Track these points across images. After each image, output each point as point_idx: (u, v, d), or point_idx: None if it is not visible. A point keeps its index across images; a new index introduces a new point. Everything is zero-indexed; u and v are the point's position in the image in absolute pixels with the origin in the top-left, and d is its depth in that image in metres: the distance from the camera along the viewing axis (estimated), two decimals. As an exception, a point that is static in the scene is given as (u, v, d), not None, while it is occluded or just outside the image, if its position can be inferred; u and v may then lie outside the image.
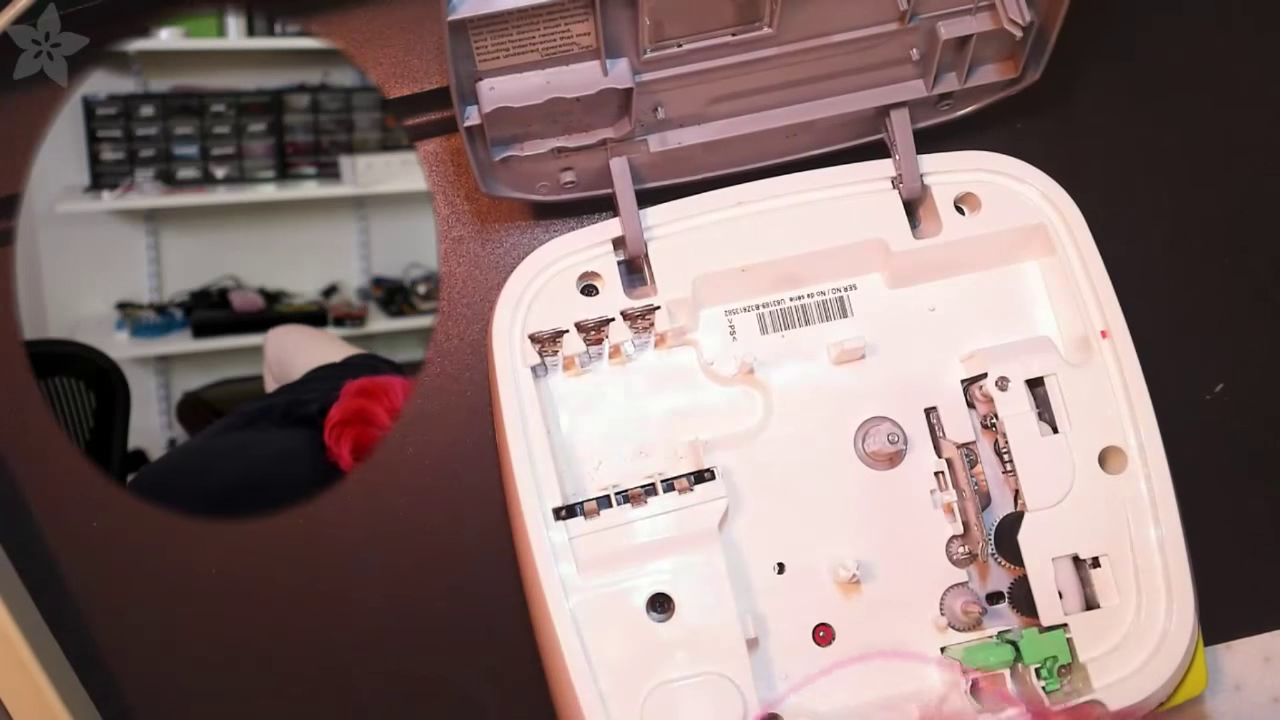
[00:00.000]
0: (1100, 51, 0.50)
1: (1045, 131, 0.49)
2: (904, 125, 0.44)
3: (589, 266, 0.43)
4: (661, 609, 0.40)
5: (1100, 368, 0.42)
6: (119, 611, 0.46)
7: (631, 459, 0.42)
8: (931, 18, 0.41)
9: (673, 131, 0.43)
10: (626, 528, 0.40)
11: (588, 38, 0.38)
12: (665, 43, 0.39)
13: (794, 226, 0.43)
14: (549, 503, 0.40)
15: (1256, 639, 0.47)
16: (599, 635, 0.39)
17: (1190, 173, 0.50)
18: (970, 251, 0.44)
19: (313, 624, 0.47)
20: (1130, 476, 0.41)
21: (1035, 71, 0.44)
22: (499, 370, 0.41)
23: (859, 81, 0.43)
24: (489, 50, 0.37)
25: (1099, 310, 0.43)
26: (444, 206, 0.49)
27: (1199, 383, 0.49)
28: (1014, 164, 0.44)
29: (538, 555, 0.39)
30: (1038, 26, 0.42)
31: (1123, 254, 0.44)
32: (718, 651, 0.39)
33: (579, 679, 0.38)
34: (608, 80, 0.39)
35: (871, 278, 0.44)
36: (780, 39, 0.40)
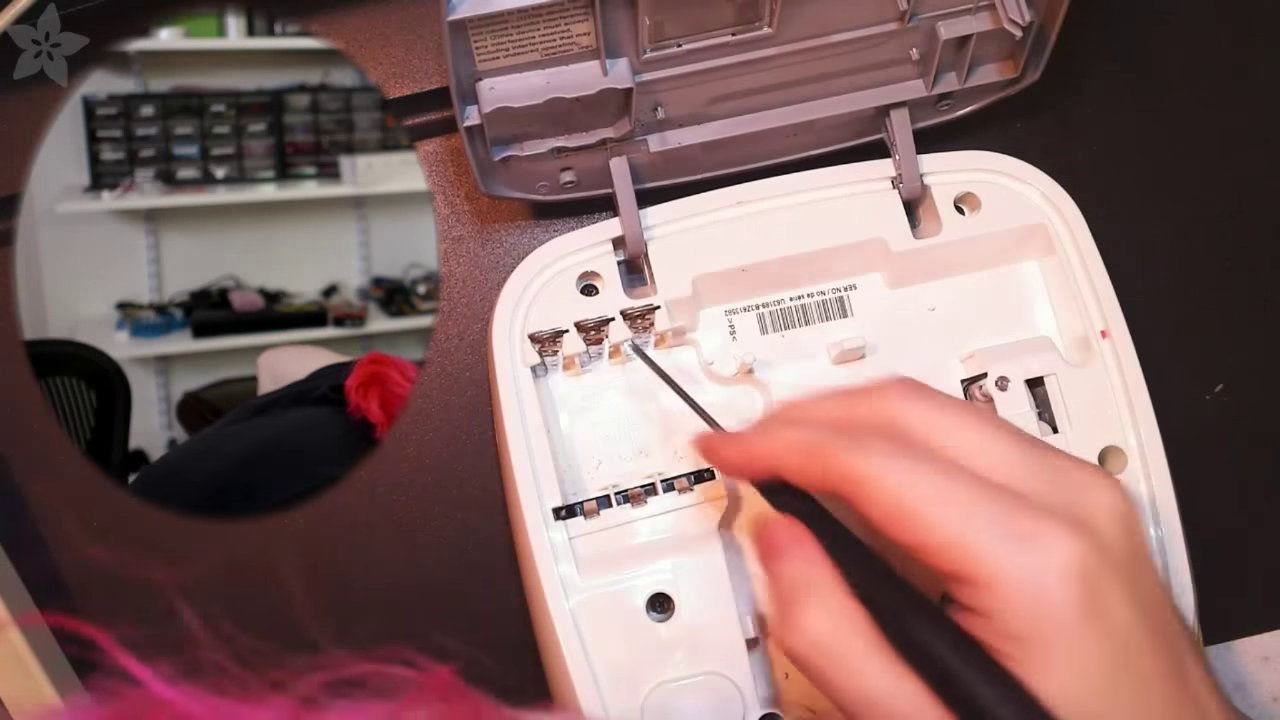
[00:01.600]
0: (1100, 51, 0.50)
1: (1045, 131, 0.49)
2: (904, 125, 0.44)
3: (589, 266, 0.43)
4: (661, 609, 0.40)
5: (1100, 368, 0.42)
6: (119, 611, 0.46)
7: (631, 459, 0.42)
8: (931, 18, 0.41)
9: (673, 131, 0.43)
10: (626, 527, 0.40)
11: (587, 38, 0.38)
12: (665, 43, 0.39)
13: (794, 226, 0.43)
14: (549, 502, 0.40)
15: (1256, 639, 0.47)
16: (599, 635, 0.39)
17: (1191, 172, 0.50)
18: (970, 251, 0.44)
19: (313, 623, 0.47)
20: (1130, 477, 0.41)
21: (1035, 71, 0.44)
22: (499, 370, 0.41)
23: (859, 81, 0.43)
24: (489, 50, 0.37)
25: (1099, 310, 0.43)
26: (444, 206, 0.49)
27: (1199, 383, 0.49)
28: (1014, 164, 0.44)
29: (538, 555, 0.39)
30: (1038, 26, 0.42)
31: (1123, 254, 0.44)
32: (718, 652, 0.39)
33: (579, 679, 0.38)
34: (608, 80, 0.39)
35: (871, 277, 0.44)
36: (780, 39, 0.40)
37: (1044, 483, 0.31)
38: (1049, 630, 0.28)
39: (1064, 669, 0.28)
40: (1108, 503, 0.31)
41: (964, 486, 0.30)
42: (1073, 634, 0.28)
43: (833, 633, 0.30)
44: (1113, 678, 0.29)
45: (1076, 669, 0.28)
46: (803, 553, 0.32)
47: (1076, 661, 0.28)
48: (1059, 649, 0.28)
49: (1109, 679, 0.29)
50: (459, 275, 0.48)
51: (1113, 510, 0.31)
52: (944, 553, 0.29)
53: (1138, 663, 0.29)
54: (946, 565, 0.30)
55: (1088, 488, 0.31)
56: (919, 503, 0.30)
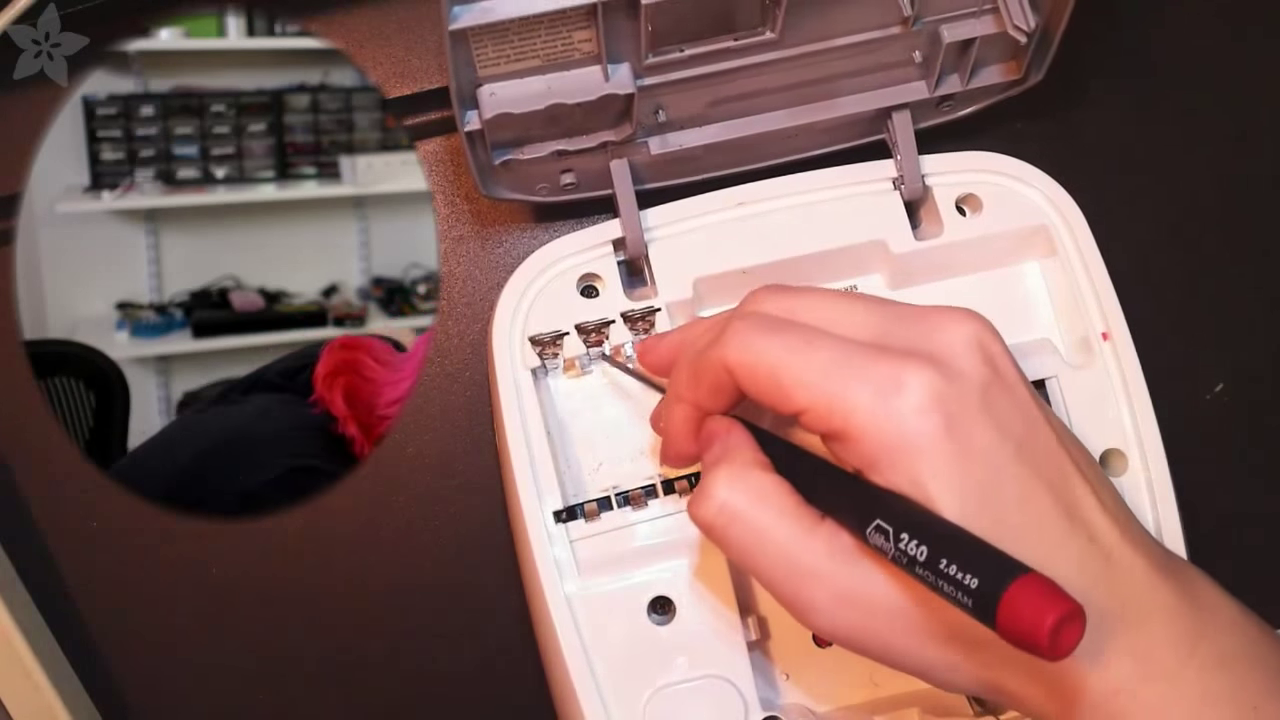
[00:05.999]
0: (1103, 53, 0.50)
1: (1047, 132, 0.49)
2: (906, 126, 0.44)
3: (589, 268, 0.42)
4: (662, 612, 0.40)
5: (1101, 370, 0.42)
6: (119, 611, 0.46)
7: (632, 460, 0.42)
8: (935, 21, 0.41)
9: (674, 134, 0.43)
10: (627, 530, 0.40)
11: (589, 44, 0.38)
12: (667, 49, 0.39)
13: (795, 227, 0.43)
14: (549, 505, 0.40)
15: (1257, 641, 0.47)
16: (599, 637, 0.39)
17: (1192, 174, 0.50)
18: (971, 252, 0.44)
19: (313, 623, 0.47)
20: (1131, 478, 0.41)
21: (1038, 73, 0.44)
22: (499, 373, 0.41)
23: (861, 84, 0.43)
24: (490, 57, 0.37)
25: (1100, 312, 0.43)
26: (444, 206, 0.49)
27: (1199, 383, 0.49)
28: (1016, 165, 0.44)
29: (538, 557, 0.39)
30: (1041, 28, 0.42)
31: (1124, 255, 0.44)
32: (719, 655, 0.39)
33: (579, 681, 0.38)
34: (609, 86, 0.39)
35: (873, 278, 0.44)
36: (783, 44, 0.40)
37: (900, 331, 0.32)
38: (917, 465, 0.29)
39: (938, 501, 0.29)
40: (962, 334, 0.31)
41: (823, 347, 0.31)
42: (937, 464, 0.29)
43: (738, 496, 0.32)
44: (982, 502, 0.29)
45: (947, 498, 0.29)
46: (727, 436, 0.34)
47: (945, 491, 0.29)
48: (929, 482, 0.29)
49: (978, 503, 0.29)
50: (459, 275, 0.48)
51: (968, 340, 0.31)
52: (816, 414, 0.30)
53: (1006, 485, 0.30)
54: (822, 426, 0.31)
55: (941, 325, 0.32)
56: (783, 370, 0.31)
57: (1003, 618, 0.26)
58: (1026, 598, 0.26)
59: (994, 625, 0.26)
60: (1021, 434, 0.31)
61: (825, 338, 0.31)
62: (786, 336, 0.31)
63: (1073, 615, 0.26)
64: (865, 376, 0.30)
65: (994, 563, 0.27)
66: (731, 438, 0.34)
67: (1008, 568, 0.27)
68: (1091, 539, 0.30)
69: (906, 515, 0.29)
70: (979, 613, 0.26)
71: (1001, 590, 0.26)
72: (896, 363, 0.30)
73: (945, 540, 0.28)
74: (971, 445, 0.30)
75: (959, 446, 0.29)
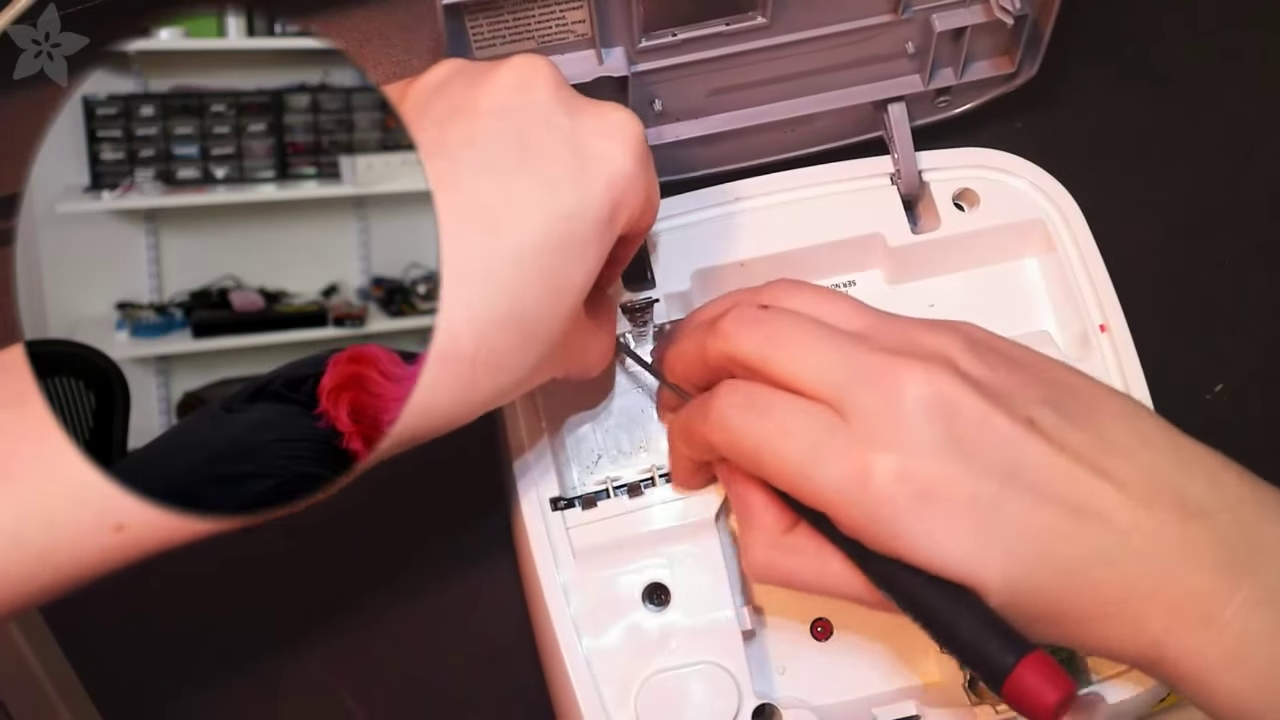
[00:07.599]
0: (1098, 47, 0.50)
1: (1043, 128, 0.49)
2: (901, 120, 0.44)
3: (588, 262, 0.42)
4: (658, 600, 0.40)
5: (1099, 362, 0.42)
6: (119, 612, 0.46)
7: (630, 453, 0.42)
8: (925, 9, 0.41)
9: (670, 125, 0.43)
10: (623, 518, 0.40)
11: (583, 25, 0.38)
12: (660, 32, 0.39)
13: (793, 222, 0.43)
14: (547, 493, 0.40)
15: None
16: (595, 625, 0.39)
17: (1189, 168, 0.50)
18: (969, 247, 0.44)
19: (313, 624, 0.47)
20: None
21: (1031, 67, 0.44)
22: (498, 366, 0.41)
23: (856, 76, 0.43)
24: (485, 35, 0.38)
25: (1098, 305, 0.43)
26: (443, 204, 0.49)
27: (1199, 383, 0.49)
28: (1012, 160, 0.44)
29: (535, 545, 0.39)
30: (1032, 20, 0.42)
31: (1122, 250, 0.44)
32: (714, 642, 0.39)
33: (574, 666, 0.38)
34: (603, 69, 0.39)
35: (870, 273, 0.45)
36: (774, 30, 0.40)
37: (862, 397, 0.32)
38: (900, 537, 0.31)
39: (933, 561, 0.31)
40: (913, 395, 0.31)
41: (795, 436, 0.32)
42: (916, 530, 0.31)
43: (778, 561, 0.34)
44: (983, 545, 0.31)
45: (941, 557, 0.31)
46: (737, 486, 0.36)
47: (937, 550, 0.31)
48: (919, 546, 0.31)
49: (978, 548, 0.30)
50: (458, 273, 0.48)
51: (920, 401, 0.31)
52: (800, 496, 0.32)
53: (1001, 521, 0.31)
54: (808, 504, 0.32)
55: (897, 386, 0.32)
56: (763, 455, 0.33)
57: (1009, 691, 0.30)
58: (1030, 679, 0.29)
59: (1000, 695, 0.30)
60: (1005, 464, 0.31)
61: (802, 423, 0.32)
62: (765, 422, 0.33)
63: (1069, 698, 0.29)
64: (837, 465, 0.31)
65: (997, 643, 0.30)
66: (742, 487, 0.36)
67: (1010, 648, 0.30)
68: (1106, 525, 0.31)
69: (906, 589, 0.31)
70: (989, 685, 0.30)
71: (1007, 671, 0.30)
72: (861, 452, 0.31)
73: (943, 625, 0.31)
74: (954, 499, 0.30)
75: (939, 507, 0.30)
